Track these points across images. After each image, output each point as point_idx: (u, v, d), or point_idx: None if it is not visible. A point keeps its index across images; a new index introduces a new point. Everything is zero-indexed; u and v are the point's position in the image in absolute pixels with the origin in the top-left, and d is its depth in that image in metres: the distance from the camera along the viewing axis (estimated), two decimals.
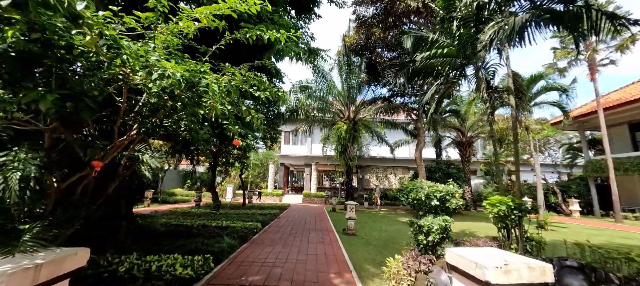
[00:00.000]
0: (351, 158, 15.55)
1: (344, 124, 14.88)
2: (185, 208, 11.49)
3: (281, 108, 14.28)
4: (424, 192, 3.92)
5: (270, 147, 15.65)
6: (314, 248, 5.72)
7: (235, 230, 6.31)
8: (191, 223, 7.08)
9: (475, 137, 17.24)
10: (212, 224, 7.06)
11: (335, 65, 16.49)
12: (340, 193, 21.92)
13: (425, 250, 3.79)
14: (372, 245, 6.23)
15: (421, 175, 10.51)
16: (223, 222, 7.30)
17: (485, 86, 5.71)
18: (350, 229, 7.56)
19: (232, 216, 9.38)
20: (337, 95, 16.30)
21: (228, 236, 5.70)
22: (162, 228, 6.18)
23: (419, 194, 3.91)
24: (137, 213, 9.34)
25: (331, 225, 9.24)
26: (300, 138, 23.67)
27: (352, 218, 7.61)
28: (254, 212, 10.83)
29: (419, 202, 3.95)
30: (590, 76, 13.01)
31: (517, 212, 4.38)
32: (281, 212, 12.43)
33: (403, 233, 7.96)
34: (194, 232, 5.88)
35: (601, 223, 11.85)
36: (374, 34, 13.47)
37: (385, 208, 17.15)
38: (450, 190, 4.01)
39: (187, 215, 9.72)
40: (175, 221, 7.24)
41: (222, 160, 14.19)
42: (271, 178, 22.35)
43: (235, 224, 7.14)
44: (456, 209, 4.13)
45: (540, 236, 4.75)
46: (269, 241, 6.24)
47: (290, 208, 14.99)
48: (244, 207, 13.85)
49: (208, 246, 4.68)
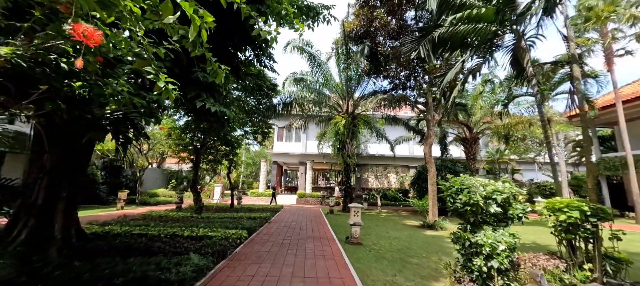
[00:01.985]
0: (350, 155, 14.28)
1: (342, 118, 13.60)
2: (164, 212, 10.01)
3: (273, 100, 12.93)
4: (480, 193, 2.66)
5: (262, 143, 14.25)
6: (312, 266, 4.42)
7: (211, 242, 4.95)
8: (158, 232, 5.67)
9: (480, 134, 16.21)
10: (185, 233, 5.66)
11: (332, 54, 15.18)
12: (336, 193, 20.66)
13: (483, 281, 2.53)
14: (386, 260, 4.96)
15: (431, 173, 9.33)
16: (199, 230, 5.90)
17: (529, 59, 4.50)
18: (354, 237, 6.28)
19: (215, 222, 7.99)
20: (334, 88, 15.01)
21: (199, 252, 4.34)
22: (115, 242, 4.76)
23: (473, 197, 2.65)
24: (96, 219, 7.84)
25: (330, 231, 7.95)
26: (294, 135, 22.30)
27: (358, 224, 6.33)
28: (242, 216, 9.45)
29: (474, 208, 2.68)
30: (607, 67, 12.07)
31: (594, 219, 3.17)
32: (273, 214, 11.07)
33: (416, 241, 6.73)
34: (156, 247, 4.49)
35: (622, 225, 10.89)
36: (377, 18, 12.24)
37: (385, 209, 15.98)
38: (513, 190, 2.76)
39: (162, 220, 8.28)
40: (140, 230, 5.81)
41: (208, 157, 12.77)
42: (263, 178, 20.92)
43: (214, 232, 5.76)
44: (520, 218, 2.88)
45: (617, 251, 3.56)
46: (254, 256, 4.90)
47: (284, 210, 13.63)
48: (232, 208, 12.43)
49: (165, 271, 3.32)
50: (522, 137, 15.30)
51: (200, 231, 5.87)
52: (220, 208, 12.21)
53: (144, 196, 16.31)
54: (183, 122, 11.28)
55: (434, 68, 9.83)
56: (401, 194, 20.07)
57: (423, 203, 9.64)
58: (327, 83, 14.26)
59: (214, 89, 3.44)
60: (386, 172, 20.91)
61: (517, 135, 15.42)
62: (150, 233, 5.58)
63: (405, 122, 16.01)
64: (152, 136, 14.90)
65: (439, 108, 9.96)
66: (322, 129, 17.74)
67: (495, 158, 21.28)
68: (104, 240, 4.83)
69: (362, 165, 21.19)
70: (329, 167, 22.13)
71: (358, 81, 14.81)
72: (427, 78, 13.19)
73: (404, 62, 11.78)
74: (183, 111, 8.92)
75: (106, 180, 16.21)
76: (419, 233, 8.07)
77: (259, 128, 12.93)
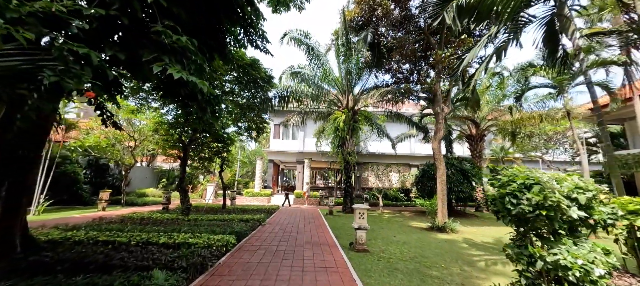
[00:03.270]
0: (350, 153, 13.46)
1: (342, 114, 12.77)
2: (147, 213, 9.11)
3: (269, 94, 12.04)
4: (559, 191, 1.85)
5: (256, 139, 13.37)
6: (312, 280, 3.58)
7: (189, 252, 4.09)
8: (129, 239, 4.79)
9: (486, 130, 15.47)
10: (161, 240, 4.79)
11: (332, 45, 14.36)
12: (335, 193, 19.82)
13: None
14: (400, 272, 4.14)
15: (440, 171, 8.54)
16: (179, 236, 5.03)
17: (574, 28, 3.71)
18: (360, 243, 5.46)
19: (201, 225, 7.13)
20: (333, 82, 14.18)
21: (171, 266, 3.49)
22: (68, 253, 3.88)
23: (551, 196, 1.83)
24: (67, 222, 6.82)
25: (331, 234, 7.11)
26: (291, 132, 21.44)
27: (363, 228, 5.50)
28: (233, 218, 8.58)
29: (551, 212, 1.84)
30: (625, 53, 11.37)
31: None
32: (268, 216, 10.21)
33: (429, 247, 5.93)
34: (117, 259, 3.62)
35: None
36: (379, 6, 11.44)
37: (387, 210, 15.18)
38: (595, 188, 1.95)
39: (142, 223, 7.40)
40: (108, 236, 4.92)
41: (199, 154, 11.86)
42: (259, 177, 20.02)
43: (196, 239, 4.90)
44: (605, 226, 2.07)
45: None
46: (241, 269, 4.04)
47: (280, 211, 12.78)
48: (224, 209, 11.55)
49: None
50: (529, 134, 14.59)
51: (179, 237, 4.99)
52: (211, 209, 11.33)
53: (131, 196, 15.35)
54: (172, 116, 10.39)
55: (441, 58, 9.03)
56: (402, 194, 19.35)
57: (432, 203, 8.86)
58: (326, 77, 13.43)
59: (183, 55, 2.59)
60: (387, 170, 20.11)
61: (525, 132, 14.69)
62: (119, 240, 4.70)
63: (409, 118, 15.24)
64: (139, 132, 13.94)
65: (448, 101, 9.18)
66: (320, 126, 16.90)
67: (500, 157, 20.61)
68: (56, 250, 3.95)
69: (361, 163, 20.40)
70: (327, 165, 21.25)
71: (358, 75, 14.01)
72: (431, 72, 12.46)
73: (407, 53, 10.99)
74: (144, 84, 7.74)
75: (92, 179, 15.23)
76: (430, 236, 7.28)
77: (254, 124, 12.07)
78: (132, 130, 13.81)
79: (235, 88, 10.81)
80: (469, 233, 7.96)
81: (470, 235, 7.76)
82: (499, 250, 5.96)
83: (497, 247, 6.30)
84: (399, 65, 12.96)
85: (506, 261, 4.74)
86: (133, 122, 13.86)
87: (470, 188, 12.21)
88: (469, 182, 12.09)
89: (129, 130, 13.58)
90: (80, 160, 14.47)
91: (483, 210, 14.43)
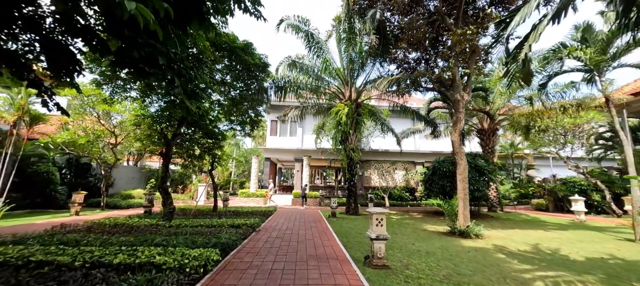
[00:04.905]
0: (354, 149, 12.31)
1: (344, 106, 11.60)
2: (124, 218, 7.87)
3: (265, 84, 10.82)
4: None
5: (251, 133, 12.16)
6: None
7: (149, 278, 2.90)
8: (72, 258, 3.57)
9: (499, 124, 14.42)
10: (118, 259, 3.59)
11: (333, 32, 13.20)
12: (336, 193, 18.67)
13: None
14: None
15: (461, 168, 7.42)
16: (143, 253, 3.83)
17: None
18: (378, 257, 4.30)
19: (183, 233, 5.94)
20: (335, 72, 13.03)
21: None
22: None
23: None
24: (16, 231, 5.56)
25: (338, 243, 5.95)
26: (289, 128, 20.25)
27: (382, 238, 4.34)
28: (223, 222, 7.41)
29: None
30: None
31: None
32: (264, 220, 9.03)
33: (459, 258, 4.77)
34: None
35: None
36: None
37: (394, 211, 14.08)
38: None
39: (112, 231, 6.18)
40: (45, 254, 3.70)
41: (187, 151, 10.65)
42: (254, 176, 18.80)
43: (165, 257, 3.70)
44: None
45: None
46: None
47: (278, 213, 11.60)
48: (215, 212, 10.36)
49: None
50: (544, 129, 13.56)
51: (144, 253, 3.80)
52: (200, 213, 10.12)
53: (115, 198, 14.06)
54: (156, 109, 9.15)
55: (461, 38, 7.89)
56: (407, 193, 18.27)
57: (452, 204, 7.74)
58: (327, 67, 12.26)
59: None
60: (392, 168, 18.98)
61: (540, 126, 13.64)
62: (60, 260, 3.49)
63: (416, 112, 14.11)
64: (120, 127, 12.63)
65: (467, 87, 8.06)
66: (320, 121, 15.73)
67: (510, 153, 19.61)
68: None
69: (364, 161, 19.26)
70: (327, 163, 20.10)
71: (362, 64, 12.87)
72: (440, 63, 11.36)
73: (417, 39, 9.86)
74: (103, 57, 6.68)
75: (70, 180, 13.92)
76: (454, 244, 6.15)
77: (248, 117, 10.86)
78: (112, 125, 12.51)
79: (227, 79, 9.58)
80: (496, 239, 6.85)
81: (498, 240, 6.65)
82: (549, 262, 4.84)
83: (539, 257, 5.19)
84: (405, 54, 11.88)
85: (570, 278, 3.61)
86: (112, 115, 12.55)
87: (486, 187, 11.14)
88: (484, 180, 11.01)
89: (109, 125, 12.28)
90: (57, 158, 13.16)
91: (497, 209, 13.38)
